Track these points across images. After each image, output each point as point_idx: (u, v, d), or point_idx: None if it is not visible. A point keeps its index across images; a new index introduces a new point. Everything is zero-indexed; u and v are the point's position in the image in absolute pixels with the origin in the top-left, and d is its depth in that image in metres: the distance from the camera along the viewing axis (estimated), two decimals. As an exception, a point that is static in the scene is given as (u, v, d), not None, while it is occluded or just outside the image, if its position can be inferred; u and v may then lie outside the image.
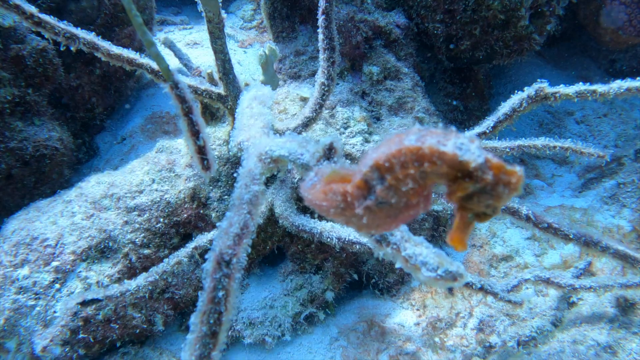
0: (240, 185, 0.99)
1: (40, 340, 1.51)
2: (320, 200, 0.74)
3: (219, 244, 0.86)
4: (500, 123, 1.78)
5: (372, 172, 0.68)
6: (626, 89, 1.56)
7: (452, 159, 0.61)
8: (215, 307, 0.84)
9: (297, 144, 1.04)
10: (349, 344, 2.32)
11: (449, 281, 0.79)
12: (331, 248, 2.36)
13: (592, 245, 1.79)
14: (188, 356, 0.85)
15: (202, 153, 1.16)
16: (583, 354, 2.09)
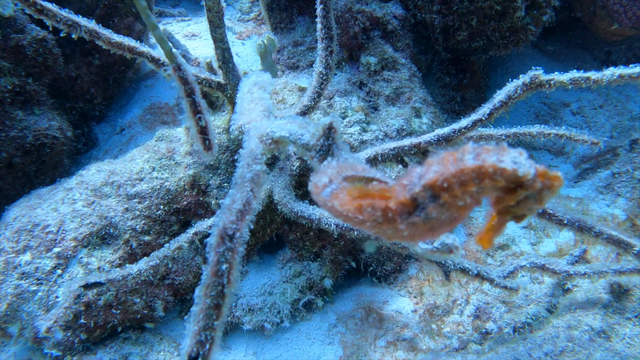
0: (242, 165, 1.01)
1: (44, 322, 1.54)
2: (354, 213, 0.75)
3: (222, 219, 0.88)
4: (496, 110, 1.80)
5: (425, 192, 0.70)
6: (619, 76, 1.58)
7: (512, 174, 0.65)
8: (219, 280, 0.86)
9: (297, 125, 1.06)
10: (347, 330, 2.35)
11: (444, 253, 0.81)
12: (329, 236, 2.39)
13: (585, 230, 1.82)
14: (193, 327, 0.87)
15: (204, 133, 1.18)
16: (577, 339, 2.12)
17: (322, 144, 0.99)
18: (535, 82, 1.68)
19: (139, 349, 1.99)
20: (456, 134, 1.87)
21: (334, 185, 0.79)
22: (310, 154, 1.01)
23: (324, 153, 0.99)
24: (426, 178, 0.69)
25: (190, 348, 0.87)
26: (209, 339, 0.88)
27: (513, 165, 0.66)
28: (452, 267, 2.09)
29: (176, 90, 3.58)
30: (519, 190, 0.67)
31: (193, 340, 0.87)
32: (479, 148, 0.69)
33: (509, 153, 0.67)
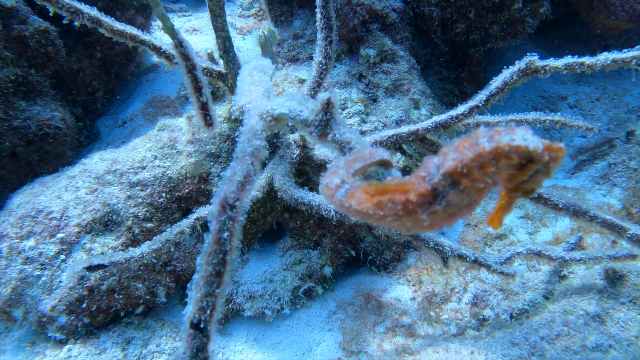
0: (243, 140, 1.04)
1: (49, 300, 1.57)
2: (374, 210, 0.76)
3: (223, 189, 0.92)
4: (493, 96, 1.83)
5: (445, 180, 0.72)
6: (612, 61, 1.61)
7: (525, 150, 0.69)
8: (220, 248, 0.89)
9: (296, 102, 1.09)
10: (347, 317, 2.38)
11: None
12: (329, 224, 2.42)
13: (580, 214, 1.85)
14: (195, 294, 0.90)
15: (205, 109, 1.21)
16: (573, 323, 2.15)
17: (320, 119, 1.02)
18: (531, 68, 1.71)
19: (141, 334, 2.02)
20: (453, 121, 1.90)
21: (347, 185, 0.80)
22: (309, 129, 1.04)
23: (322, 128, 1.02)
24: (445, 166, 0.72)
25: (193, 314, 0.91)
26: (211, 305, 0.91)
27: (524, 142, 0.69)
28: (450, 253, 2.12)
29: (177, 84, 3.62)
30: (530, 165, 0.72)
31: (195, 306, 0.91)
32: (491, 131, 0.72)
33: (518, 132, 0.71)
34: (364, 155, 0.93)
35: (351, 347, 2.25)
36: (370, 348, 2.23)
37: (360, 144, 0.98)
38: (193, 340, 0.91)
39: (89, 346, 1.92)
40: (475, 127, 2.03)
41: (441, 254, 2.14)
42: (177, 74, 3.68)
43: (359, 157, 0.92)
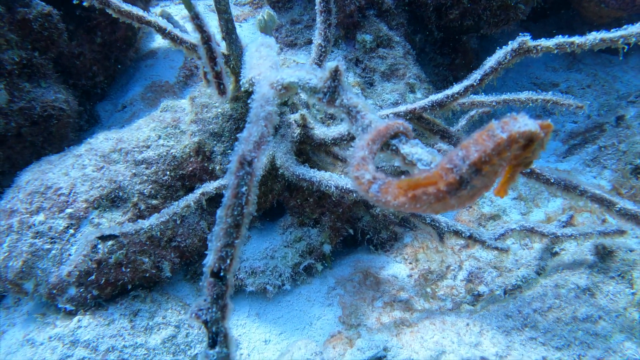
0: (256, 107, 1.10)
1: (65, 267, 1.62)
2: (410, 202, 0.87)
3: (240, 148, 0.98)
4: (487, 76, 1.90)
5: (470, 169, 0.84)
6: (600, 40, 1.69)
7: (529, 133, 0.82)
8: (239, 201, 0.96)
9: (305, 71, 1.16)
10: (346, 292, 2.46)
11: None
12: (328, 203, 2.49)
13: (571, 189, 1.94)
14: (215, 244, 0.97)
15: (219, 78, 1.27)
16: (564, 296, 2.25)
17: (329, 86, 1.09)
18: (524, 48, 1.79)
19: (148, 307, 2.08)
20: (449, 99, 1.97)
21: (379, 181, 0.90)
22: (318, 96, 1.11)
23: (331, 94, 1.09)
24: (472, 158, 0.84)
25: (213, 263, 0.97)
26: (230, 255, 0.97)
27: (528, 127, 0.82)
28: (446, 229, 2.20)
29: (176, 70, 3.67)
30: (531, 143, 0.84)
31: (215, 256, 0.97)
32: (501, 122, 0.85)
33: (520, 119, 0.83)
34: (381, 132, 1.00)
35: (350, 321, 2.33)
36: (369, 321, 2.31)
37: (368, 109, 1.05)
38: (213, 288, 0.98)
39: (98, 317, 1.98)
40: (470, 106, 2.10)
41: (437, 230, 2.21)
42: (176, 60, 3.73)
43: (377, 135, 0.99)
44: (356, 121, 1.03)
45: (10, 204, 2.06)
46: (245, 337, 2.29)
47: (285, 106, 2.35)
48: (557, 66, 4.30)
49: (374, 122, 1.00)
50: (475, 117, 2.56)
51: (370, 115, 1.02)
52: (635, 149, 2.87)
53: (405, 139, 0.97)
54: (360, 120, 1.02)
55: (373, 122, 1.00)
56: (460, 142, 0.88)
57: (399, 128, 1.00)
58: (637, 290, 2.18)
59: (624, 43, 1.71)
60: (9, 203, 2.07)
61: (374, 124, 1.00)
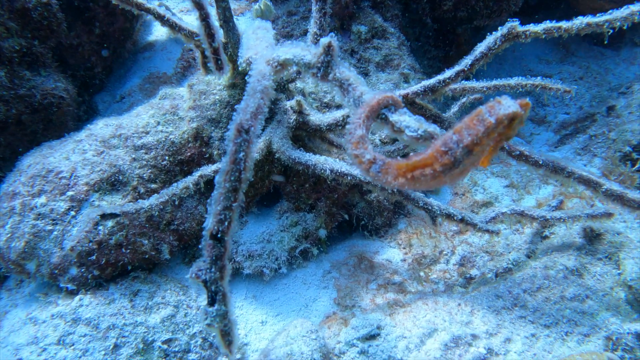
0: (253, 81, 1.16)
1: (68, 242, 1.67)
2: (410, 182, 0.97)
3: (239, 117, 1.03)
4: (477, 61, 1.96)
5: (463, 152, 0.93)
6: (586, 24, 1.75)
7: (513, 114, 0.91)
8: (237, 167, 1.01)
9: (300, 48, 1.21)
10: (341, 275, 2.52)
11: (427, 140, 0.97)
12: (324, 188, 2.54)
13: (559, 170, 2.00)
14: (214, 208, 1.02)
15: (217, 54, 1.32)
16: (553, 276, 2.31)
17: (322, 60, 1.14)
18: (513, 33, 1.84)
19: (147, 287, 2.13)
20: (441, 85, 2.03)
21: (380, 162, 0.99)
22: (312, 71, 1.16)
23: (324, 68, 1.14)
24: (465, 141, 0.93)
25: (212, 225, 1.03)
26: (228, 217, 1.03)
27: (512, 109, 0.91)
28: (438, 212, 2.25)
29: (174, 61, 3.71)
30: (513, 121, 0.93)
31: (214, 219, 1.03)
32: (488, 107, 0.94)
33: (504, 102, 0.93)
34: (374, 106, 1.06)
35: (345, 302, 2.39)
36: (363, 302, 2.37)
37: (359, 82, 1.10)
38: (212, 250, 1.03)
39: (99, 297, 2.03)
40: (461, 92, 2.16)
41: (430, 213, 2.27)
42: (174, 52, 3.77)
43: (370, 108, 1.05)
44: (348, 93, 1.08)
45: (13, 187, 2.10)
46: (243, 318, 2.34)
47: (282, 93, 2.40)
48: (551, 59, 4.36)
49: (364, 93, 1.06)
50: (466, 104, 2.61)
51: (361, 87, 1.07)
52: (624, 137, 2.94)
53: (394, 108, 1.02)
54: (352, 92, 1.07)
55: (364, 93, 1.06)
56: (452, 126, 0.96)
57: (388, 101, 1.05)
58: (624, 270, 2.24)
59: (609, 27, 1.77)
60: (11, 186, 2.12)
61: (365, 95, 1.05)
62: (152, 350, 1.99)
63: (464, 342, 2.09)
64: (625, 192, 2.03)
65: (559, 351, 2.08)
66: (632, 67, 4.03)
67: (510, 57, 4.44)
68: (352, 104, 1.07)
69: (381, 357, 2.06)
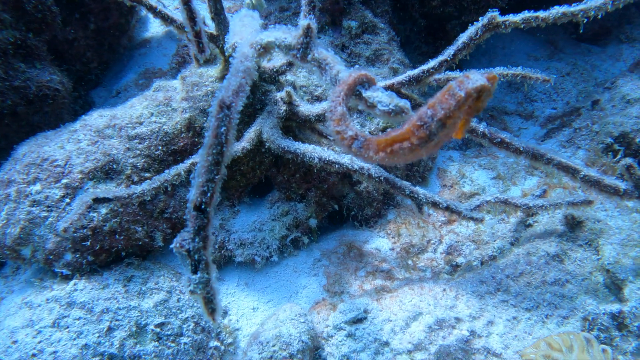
0: (236, 62, 1.22)
1: (62, 223, 1.73)
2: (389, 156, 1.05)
3: (221, 94, 1.10)
4: (460, 51, 2.03)
5: (438, 125, 1.00)
6: (562, 14, 1.82)
7: (481, 87, 0.98)
8: (219, 140, 1.07)
9: (281, 32, 1.28)
10: (331, 263, 2.58)
11: (398, 114, 1.04)
12: (314, 179, 2.61)
13: (538, 157, 2.06)
14: (197, 180, 1.09)
15: (199, 37, 1.38)
16: (535, 262, 2.37)
17: (302, 42, 1.20)
18: (493, 23, 1.91)
19: (141, 273, 2.19)
20: (425, 74, 2.10)
21: (361, 138, 1.06)
22: (292, 52, 1.23)
23: (304, 50, 1.21)
24: (438, 115, 1.00)
25: (196, 197, 1.09)
26: (211, 189, 1.09)
27: (479, 82, 0.98)
28: (424, 200, 2.32)
29: (169, 57, 3.77)
30: (482, 94, 1.00)
31: (198, 190, 1.09)
32: (457, 82, 1.00)
33: (472, 76, 1.00)
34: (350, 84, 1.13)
35: (334, 289, 2.45)
36: (352, 289, 2.43)
37: (336, 61, 1.17)
38: (196, 220, 1.09)
39: (93, 281, 2.09)
40: (445, 82, 2.23)
41: (416, 202, 2.34)
42: (169, 48, 3.83)
43: (348, 86, 1.12)
44: (325, 72, 1.15)
45: (8, 175, 2.16)
46: (235, 304, 2.40)
47: (272, 85, 2.47)
48: (539, 55, 4.44)
49: (340, 71, 1.12)
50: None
51: (337, 66, 1.14)
52: (607, 129, 3.01)
53: (368, 85, 1.09)
54: (329, 70, 1.14)
55: (340, 71, 1.12)
56: (426, 102, 1.03)
57: (363, 78, 1.12)
58: (602, 255, 2.31)
59: (584, 16, 1.84)
60: (6, 174, 2.18)
61: (341, 73, 1.12)
62: (145, 333, 2.05)
63: (448, 324, 2.15)
64: (603, 178, 2.10)
65: (539, 333, 2.15)
66: (617, 64, 4.10)
67: (500, 54, 4.51)
68: (330, 82, 1.13)
69: (367, 339, 2.12)
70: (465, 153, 3.50)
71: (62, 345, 1.97)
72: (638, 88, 3.20)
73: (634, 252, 2.29)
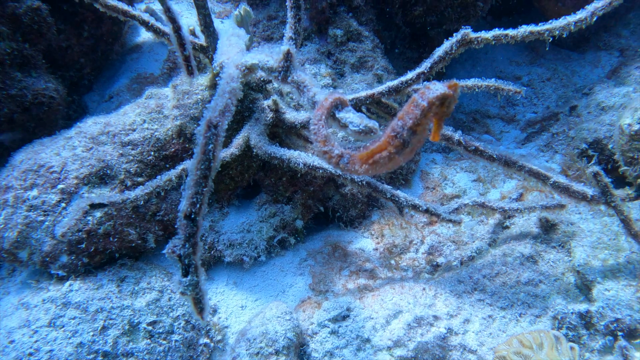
0: (223, 83, 1.33)
1: (59, 228, 1.83)
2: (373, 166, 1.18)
3: (208, 114, 1.20)
4: (436, 64, 2.15)
5: (409, 133, 1.12)
6: (529, 32, 1.94)
7: (442, 95, 1.10)
8: (206, 157, 1.18)
9: (264, 55, 1.39)
10: (316, 263, 2.69)
11: (367, 133, 1.15)
12: (300, 182, 2.72)
13: (510, 164, 2.19)
14: (187, 192, 1.20)
15: (188, 60, 1.49)
16: (510, 263, 2.50)
17: (282, 65, 1.32)
18: (466, 39, 2.03)
19: (134, 274, 2.30)
20: (404, 85, 2.21)
21: (347, 155, 1.18)
22: (274, 74, 1.34)
23: (284, 72, 1.32)
24: (408, 125, 1.13)
25: (186, 207, 1.20)
26: (199, 200, 1.20)
27: (440, 91, 1.10)
28: (405, 203, 2.44)
29: (160, 62, 3.86)
30: (445, 101, 1.12)
31: (188, 201, 1.20)
32: (420, 93, 1.13)
33: (433, 86, 1.12)
34: (328, 107, 1.24)
35: (319, 287, 2.56)
36: (336, 287, 2.55)
37: (312, 84, 1.28)
38: (186, 228, 1.20)
39: (87, 282, 2.19)
40: (424, 92, 2.34)
41: (397, 204, 2.46)
42: (160, 53, 3.92)
43: (327, 110, 1.24)
44: (303, 93, 1.26)
45: (6, 181, 2.25)
46: (224, 303, 2.51)
47: (260, 93, 2.57)
48: (521, 61, 4.57)
49: (317, 93, 1.24)
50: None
51: (314, 89, 1.25)
52: (582, 135, 3.14)
53: (341, 107, 1.20)
54: (306, 92, 1.25)
55: (316, 93, 1.24)
56: (397, 114, 1.15)
57: (337, 101, 1.24)
58: (574, 257, 2.45)
59: (549, 35, 1.96)
60: (4, 180, 2.27)
61: (317, 95, 1.23)
62: (137, 331, 2.16)
63: (426, 322, 2.28)
64: (571, 184, 2.23)
65: (513, 330, 2.28)
66: (596, 70, 4.25)
67: (483, 59, 4.64)
68: (307, 102, 1.25)
69: (350, 336, 2.24)
70: (448, 156, 3.62)
71: (58, 344, 2.07)
72: (612, 96, 3.34)
73: (603, 254, 2.42)
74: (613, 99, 3.34)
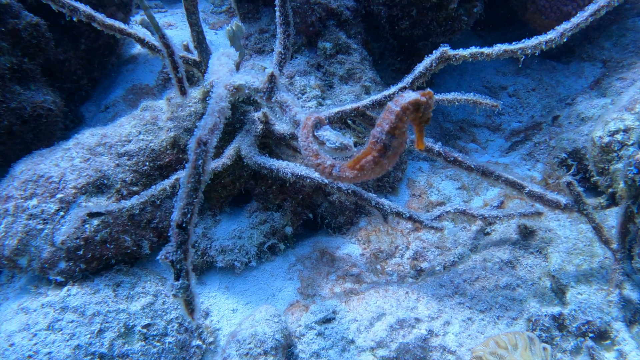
0: (212, 102, 1.44)
1: (59, 236, 1.93)
2: (361, 172, 1.30)
3: (199, 132, 1.32)
4: (417, 79, 2.27)
5: (387, 136, 1.24)
6: (503, 51, 2.07)
7: (414, 101, 1.23)
8: (197, 171, 1.29)
9: (251, 76, 1.50)
10: (305, 268, 2.80)
11: (342, 150, 1.27)
12: (290, 190, 2.83)
13: (487, 174, 2.31)
14: (179, 204, 1.31)
15: (181, 82, 1.60)
16: (490, 268, 2.62)
17: (267, 87, 1.43)
18: (444, 56, 2.16)
19: (129, 279, 2.40)
20: (386, 99, 2.33)
21: (338, 165, 1.30)
22: (259, 95, 1.45)
23: (268, 93, 1.44)
24: (386, 129, 1.26)
25: (178, 217, 1.31)
26: (190, 211, 1.31)
27: (411, 97, 1.23)
28: (389, 210, 2.55)
29: (156, 74, 3.98)
30: (420, 107, 1.24)
31: (180, 212, 1.31)
32: (394, 100, 1.26)
33: (406, 94, 1.25)
34: (311, 126, 1.36)
35: (307, 292, 2.67)
36: (323, 291, 2.66)
37: (294, 104, 1.40)
38: (178, 236, 1.31)
39: (85, 287, 2.29)
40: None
41: (381, 212, 2.57)
42: (155, 65, 4.04)
43: (310, 128, 1.36)
44: (286, 112, 1.37)
45: (6, 191, 2.35)
46: (216, 306, 2.61)
47: (250, 105, 2.69)
48: (507, 71, 4.71)
49: (298, 112, 1.35)
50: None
51: (295, 108, 1.37)
52: (562, 145, 3.27)
53: (319, 125, 1.32)
54: (288, 112, 1.37)
55: (297, 113, 1.35)
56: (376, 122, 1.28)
57: (317, 120, 1.35)
58: (550, 262, 2.57)
59: (522, 53, 2.09)
60: (4, 190, 2.37)
61: (298, 115, 1.35)
62: (132, 334, 2.26)
63: (408, 324, 2.39)
64: (545, 193, 2.35)
65: (490, 332, 2.39)
66: (579, 80, 4.39)
67: (470, 69, 4.78)
68: (289, 120, 1.36)
69: (335, 337, 2.34)
70: (434, 164, 3.74)
71: (57, 346, 2.17)
72: (592, 107, 3.48)
73: (577, 259, 2.54)
74: (592, 110, 3.47)
